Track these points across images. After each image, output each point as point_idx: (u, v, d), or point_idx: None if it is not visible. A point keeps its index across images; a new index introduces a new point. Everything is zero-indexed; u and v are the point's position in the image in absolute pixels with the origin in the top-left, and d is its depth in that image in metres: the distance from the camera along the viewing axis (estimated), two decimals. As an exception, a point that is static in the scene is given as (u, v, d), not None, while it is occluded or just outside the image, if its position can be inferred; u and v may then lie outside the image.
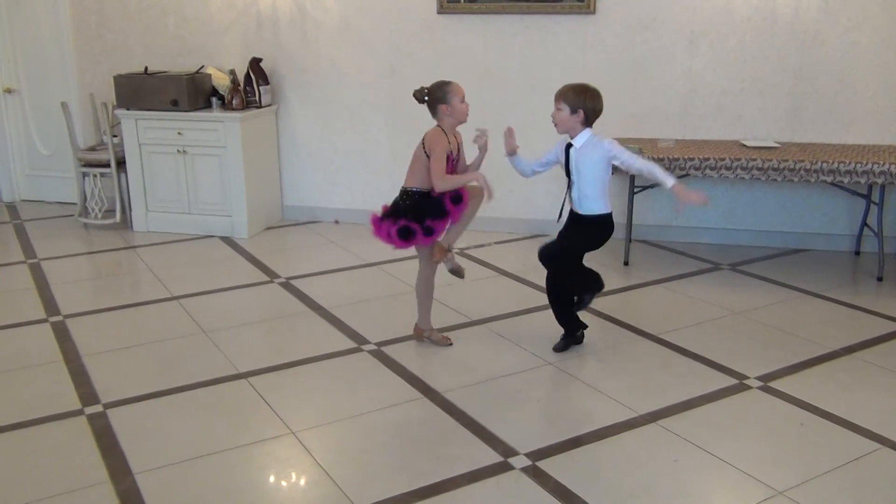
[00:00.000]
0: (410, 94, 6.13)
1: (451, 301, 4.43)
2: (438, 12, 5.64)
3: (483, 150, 3.74)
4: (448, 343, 3.93)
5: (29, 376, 3.66)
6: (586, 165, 3.60)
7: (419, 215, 3.61)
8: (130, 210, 6.03)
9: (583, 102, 3.55)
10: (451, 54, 5.67)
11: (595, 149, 3.59)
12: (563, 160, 3.70)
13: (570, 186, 3.70)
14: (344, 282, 4.92)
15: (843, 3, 5.04)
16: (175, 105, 5.66)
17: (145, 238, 5.83)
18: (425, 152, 3.61)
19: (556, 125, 3.66)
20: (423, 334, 3.95)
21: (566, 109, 3.58)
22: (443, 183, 3.56)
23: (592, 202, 3.65)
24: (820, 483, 2.79)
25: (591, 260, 5.21)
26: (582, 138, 3.60)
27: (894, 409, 3.31)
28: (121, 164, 5.96)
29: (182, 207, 5.89)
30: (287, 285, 4.83)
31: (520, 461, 2.93)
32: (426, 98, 3.66)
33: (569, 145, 3.65)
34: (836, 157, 4.71)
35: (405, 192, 3.69)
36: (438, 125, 3.67)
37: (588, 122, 3.60)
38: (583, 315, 4.36)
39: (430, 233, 3.63)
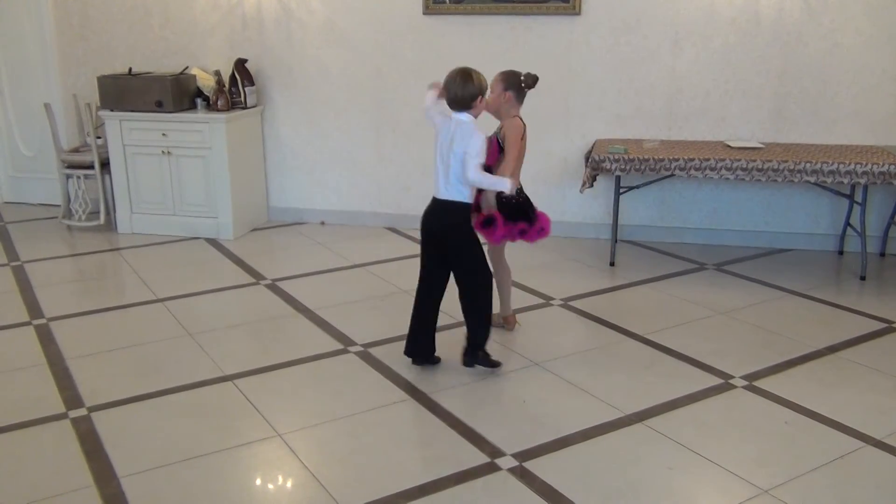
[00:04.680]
0: (396, 94, 6.14)
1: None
2: (424, 13, 5.64)
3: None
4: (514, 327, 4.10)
5: (12, 380, 3.63)
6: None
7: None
8: (115, 212, 5.99)
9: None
10: (437, 55, 5.68)
11: (475, 130, 3.42)
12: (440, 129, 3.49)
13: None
14: (330, 283, 4.91)
15: (825, 5, 5.08)
16: (159, 106, 5.63)
17: (130, 240, 5.80)
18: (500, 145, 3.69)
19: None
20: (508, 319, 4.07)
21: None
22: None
23: (457, 185, 3.45)
24: (805, 481, 2.81)
25: (578, 261, 5.24)
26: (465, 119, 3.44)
27: (878, 407, 3.34)
28: (105, 165, 5.92)
29: (167, 209, 5.86)
30: (273, 287, 4.82)
31: (506, 462, 2.94)
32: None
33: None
34: (820, 158, 4.75)
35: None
36: (516, 115, 3.73)
37: (469, 106, 3.45)
38: (569, 315, 4.37)
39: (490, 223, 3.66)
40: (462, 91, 3.42)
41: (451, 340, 3.99)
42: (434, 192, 3.53)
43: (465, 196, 3.46)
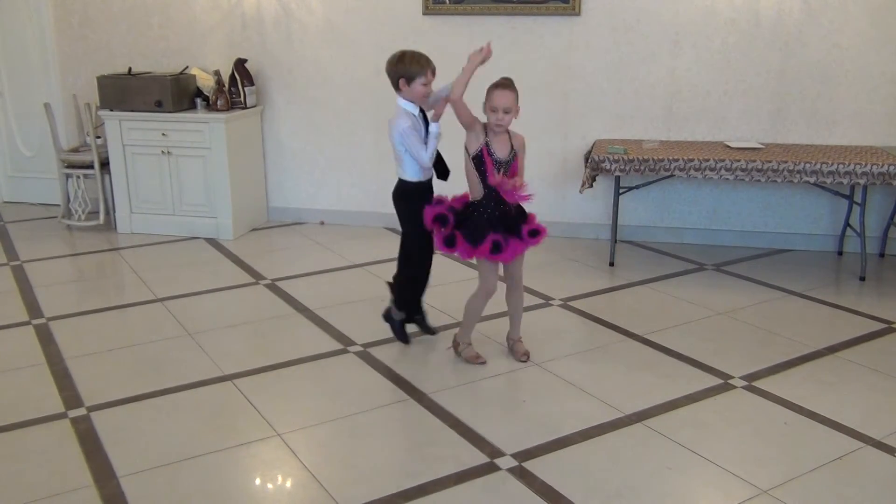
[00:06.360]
0: (395, 95, 6.12)
1: (438, 302, 4.43)
2: (424, 13, 5.64)
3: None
4: (482, 362, 3.73)
5: (12, 379, 3.63)
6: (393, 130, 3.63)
7: (468, 225, 3.52)
8: (114, 212, 5.99)
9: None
10: (437, 55, 5.61)
11: (398, 119, 3.60)
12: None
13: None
14: (329, 283, 4.91)
15: (825, 6, 5.09)
16: (159, 106, 5.63)
17: (129, 240, 5.79)
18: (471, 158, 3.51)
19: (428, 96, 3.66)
20: (458, 348, 3.81)
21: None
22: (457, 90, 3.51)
23: (400, 167, 3.70)
24: (804, 481, 2.81)
25: (578, 261, 5.25)
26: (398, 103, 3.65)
27: (877, 407, 3.34)
28: (104, 165, 5.92)
29: (166, 209, 5.86)
30: (272, 287, 4.82)
31: (506, 462, 2.94)
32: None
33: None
34: (819, 158, 4.75)
35: (470, 205, 3.58)
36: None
37: (396, 86, 3.62)
38: (569, 316, 4.38)
39: (474, 245, 3.49)
40: (387, 70, 3.64)
41: (453, 337, 3.99)
42: None
43: (408, 175, 3.68)
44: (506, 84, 3.54)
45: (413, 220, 3.69)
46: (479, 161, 3.48)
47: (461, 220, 3.55)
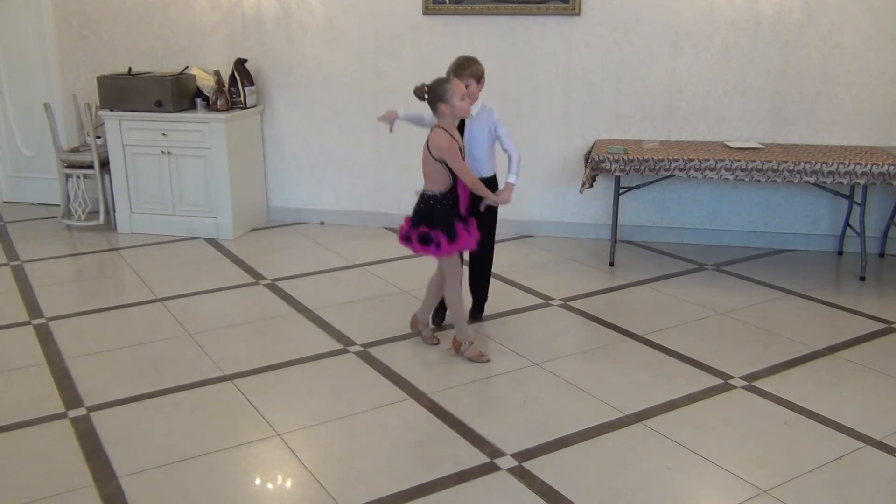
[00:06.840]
0: (396, 94, 6.16)
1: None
2: (424, 13, 5.64)
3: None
4: (486, 360, 3.77)
5: (11, 379, 3.63)
6: (481, 131, 3.88)
7: (436, 220, 3.60)
8: (114, 212, 5.99)
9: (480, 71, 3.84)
10: (437, 55, 5.66)
11: (489, 116, 3.89)
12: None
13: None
14: (330, 283, 4.91)
15: (825, 6, 5.09)
16: (159, 106, 5.63)
17: (129, 240, 5.80)
18: (433, 157, 3.56)
19: (472, 102, 3.76)
20: (460, 348, 3.80)
21: (473, 84, 3.80)
22: (469, 178, 3.63)
23: (482, 165, 3.91)
24: (804, 482, 2.81)
25: (578, 261, 5.25)
26: (477, 107, 3.86)
27: (877, 407, 3.34)
28: (104, 165, 5.92)
29: (166, 209, 5.86)
30: (272, 287, 4.82)
31: (506, 462, 2.94)
32: (426, 96, 3.59)
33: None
34: (819, 158, 4.75)
35: (423, 196, 3.69)
36: (439, 125, 3.61)
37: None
38: (569, 316, 4.38)
39: (452, 238, 3.59)
40: None
41: (446, 342, 3.99)
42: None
43: None
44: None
45: None
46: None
47: (425, 216, 3.64)
